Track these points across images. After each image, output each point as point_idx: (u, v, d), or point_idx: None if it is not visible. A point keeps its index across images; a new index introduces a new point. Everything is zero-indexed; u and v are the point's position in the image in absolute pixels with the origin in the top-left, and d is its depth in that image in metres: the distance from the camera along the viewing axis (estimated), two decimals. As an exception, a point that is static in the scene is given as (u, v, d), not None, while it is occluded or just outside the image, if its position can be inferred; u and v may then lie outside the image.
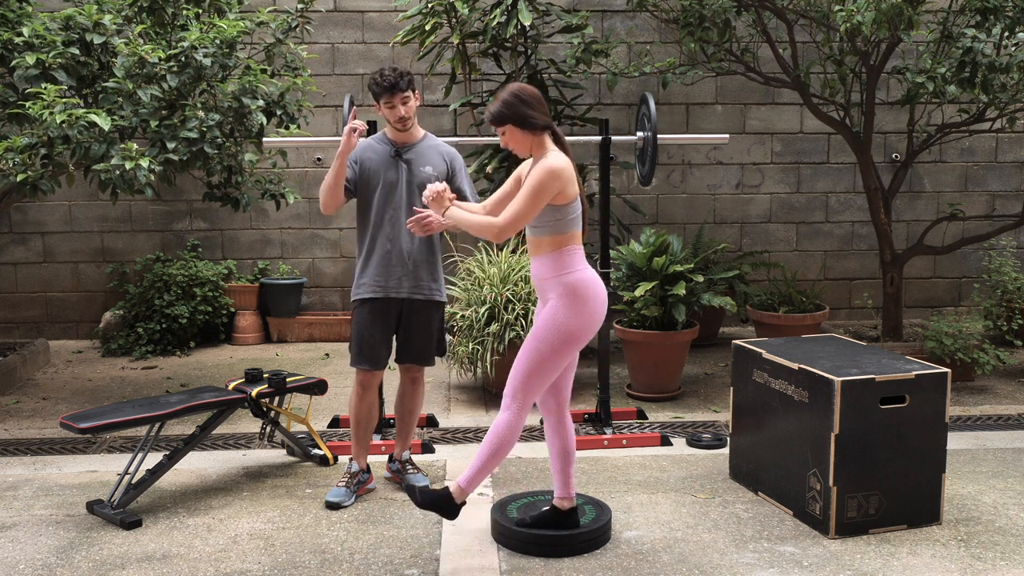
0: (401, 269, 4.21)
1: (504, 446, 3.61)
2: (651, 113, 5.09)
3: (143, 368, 6.65)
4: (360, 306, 4.29)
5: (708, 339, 7.10)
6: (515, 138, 3.60)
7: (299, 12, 5.95)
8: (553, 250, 3.58)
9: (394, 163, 4.25)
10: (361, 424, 4.37)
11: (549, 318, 3.57)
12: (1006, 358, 6.04)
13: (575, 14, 6.64)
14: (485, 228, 3.56)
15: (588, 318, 3.57)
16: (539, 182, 3.47)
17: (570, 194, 3.54)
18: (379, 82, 4.15)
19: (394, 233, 4.22)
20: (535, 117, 3.55)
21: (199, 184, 6.43)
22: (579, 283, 3.56)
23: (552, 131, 3.62)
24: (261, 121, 5.40)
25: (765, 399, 4.24)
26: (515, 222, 3.51)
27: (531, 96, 3.57)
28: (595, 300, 3.59)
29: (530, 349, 3.58)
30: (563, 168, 3.50)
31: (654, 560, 3.70)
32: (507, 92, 3.58)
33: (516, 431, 3.60)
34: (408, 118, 4.22)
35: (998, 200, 7.81)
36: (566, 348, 3.57)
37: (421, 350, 4.36)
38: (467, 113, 7.16)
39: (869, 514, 3.91)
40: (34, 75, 4.97)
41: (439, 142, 4.42)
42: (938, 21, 6.06)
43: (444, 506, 3.69)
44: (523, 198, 3.50)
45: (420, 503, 3.69)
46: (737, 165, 7.67)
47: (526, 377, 3.58)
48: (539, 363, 3.57)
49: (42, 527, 4.06)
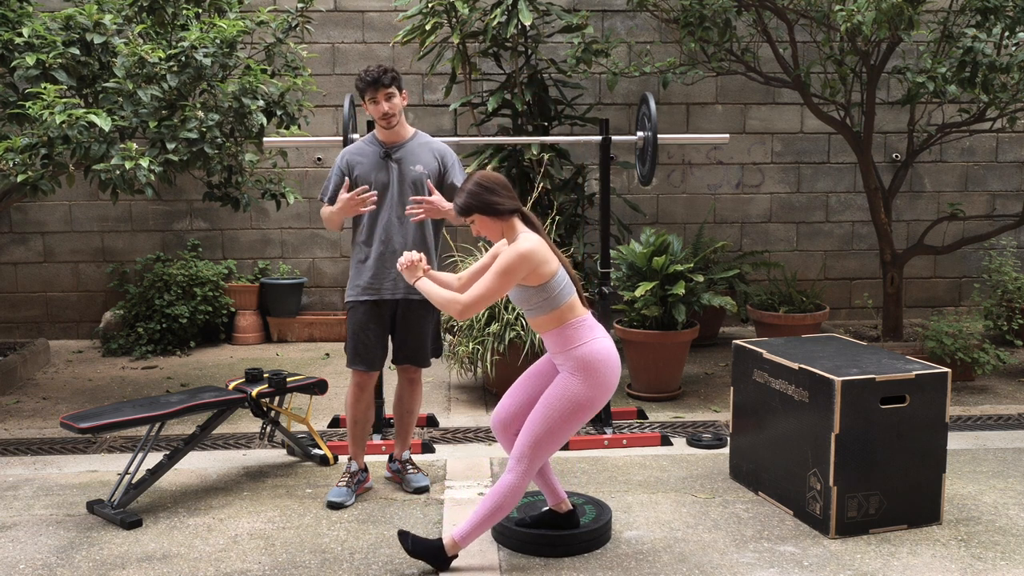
0: (395, 270, 4.19)
1: (504, 507, 3.58)
2: (651, 113, 5.09)
3: (143, 368, 6.65)
4: (355, 308, 4.29)
5: (708, 339, 7.09)
6: (485, 225, 3.59)
7: (299, 12, 5.95)
8: (556, 326, 3.56)
9: (384, 164, 4.24)
10: (358, 424, 4.37)
11: (562, 387, 3.54)
12: (1006, 358, 6.04)
13: (575, 14, 6.64)
14: (449, 304, 3.53)
15: (601, 388, 3.56)
16: (507, 264, 3.46)
17: (544, 274, 3.51)
18: (363, 78, 4.18)
19: (387, 235, 4.22)
20: (500, 203, 3.54)
21: (199, 184, 6.43)
22: (590, 355, 3.53)
23: (521, 213, 3.61)
24: (261, 121, 5.40)
25: (765, 399, 4.24)
26: (479, 302, 3.49)
27: (495, 183, 3.57)
28: (607, 371, 3.56)
29: (541, 415, 3.55)
30: (532, 251, 3.47)
31: (654, 560, 3.70)
32: (471, 182, 3.58)
33: (519, 494, 3.58)
34: (392, 115, 4.20)
35: (998, 200, 7.81)
36: (577, 416, 3.56)
37: (417, 351, 4.35)
38: (467, 113, 7.16)
39: (869, 514, 3.91)
40: (34, 75, 4.98)
41: (430, 139, 4.40)
42: (938, 21, 6.06)
43: (435, 557, 3.65)
44: (489, 279, 3.49)
45: (411, 551, 3.65)
46: (737, 165, 7.67)
47: (536, 443, 3.56)
48: (550, 431, 3.55)
49: (42, 527, 4.06)
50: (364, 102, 4.23)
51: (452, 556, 3.65)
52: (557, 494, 3.83)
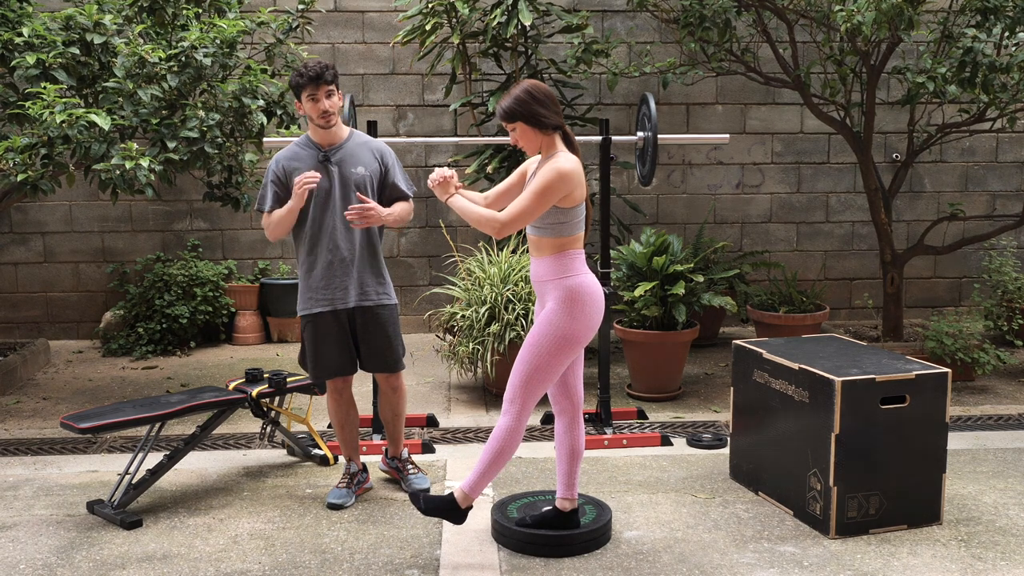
0: (345, 278, 4.10)
1: (505, 451, 3.59)
2: (651, 113, 5.09)
3: (143, 368, 6.65)
4: (311, 321, 4.16)
5: (708, 339, 7.09)
6: (525, 136, 3.55)
7: (299, 12, 5.95)
8: (554, 252, 3.55)
9: (323, 168, 4.09)
10: (344, 427, 4.34)
11: (547, 322, 3.55)
12: (1006, 358, 6.04)
13: (575, 14, 6.64)
14: (486, 221, 3.51)
15: (586, 322, 3.55)
16: (547, 182, 3.43)
17: (576, 197, 3.50)
18: (303, 74, 4.00)
19: (333, 242, 4.09)
20: (547, 116, 3.51)
21: (199, 184, 6.43)
22: (578, 287, 3.54)
23: (564, 131, 3.57)
24: (261, 121, 5.40)
25: (765, 399, 4.24)
26: (518, 219, 3.46)
27: (544, 94, 3.53)
28: (593, 305, 3.57)
29: (528, 353, 3.56)
30: (572, 171, 3.46)
31: (654, 560, 3.70)
32: (520, 88, 3.53)
33: (517, 435, 3.59)
34: (332, 113, 4.06)
35: (998, 200, 7.81)
36: (564, 351, 3.55)
37: (387, 357, 4.24)
38: (467, 113, 7.16)
39: (869, 514, 3.91)
40: (34, 75, 4.97)
41: (368, 138, 4.27)
42: (938, 21, 6.06)
43: (449, 511, 3.67)
44: (528, 197, 3.45)
45: (424, 510, 3.67)
46: (737, 165, 7.67)
47: (525, 381, 3.56)
48: (537, 367, 3.55)
49: (42, 527, 4.06)
50: (299, 101, 4.05)
51: (467, 508, 3.67)
52: (571, 489, 3.81)
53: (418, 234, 7.54)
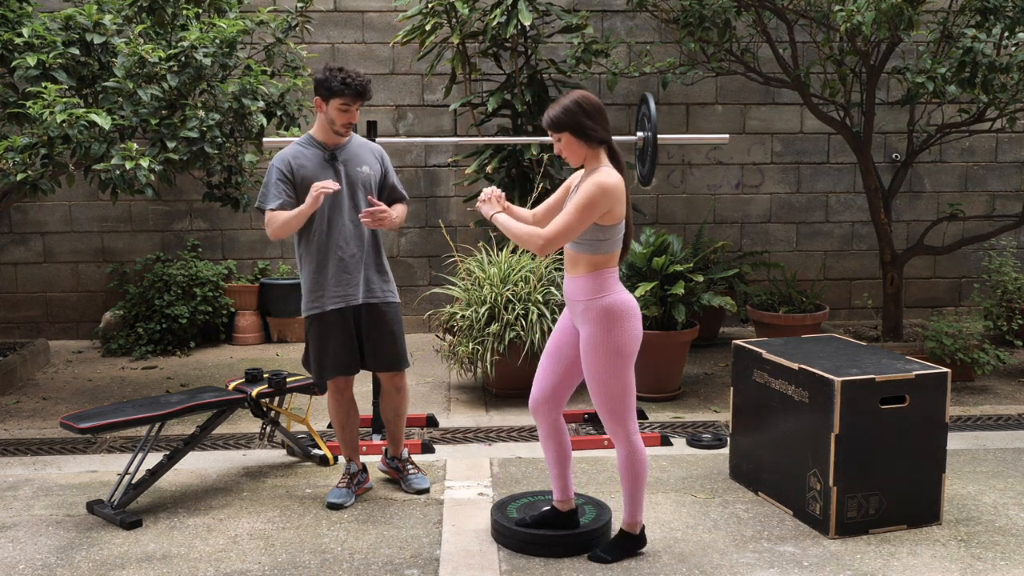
0: (356, 275, 4.12)
1: (640, 473, 3.62)
2: (651, 113, 5.09)
3: (143, 368, 6.65)
4: (319, 320, 4.15)
5: (708, 339, 7.09)
6: (570, 147, 3.50)
7: (299, 12, 5.95)
8: (590, 271, 3.50)
9: (330, 167, 4.10)
10: (345, 427, 4.34)
11: (591, 348, 3.51)
12: (1006, 358, 6.04)
13: (575, 14, 6.64)
14: (529, 238, 3.46)
15: (630, 333, 3.51)
16: (589, 197, 3.38)
17: (617, 215, 3.45)
18: (348, 83, 3.96)
19: (344, 240, 4.11)
20: (594, 129, 3.46)
21: (199, 184, 6.43)
22: (613, 305, 3.49)
23: (609, 146, 3.52)
24: (261, 122, 5.40)
25: (765, 399, 4.24)
26: (561, 235, 3.42)
27: (594, 107, 3.48)
28: (632, 319, 3.52)
29: (596, 386, 3.54)
30: (615, 186, 3.41)
31: (654, 560, 3.70)
32: (570, 99, 3.48)
33: (638, 454, 3.61)
34: (355, 124, 4.12)
35: (998, 200, 7.81)
36: (624, 365, 3.52)
37: (392, 355, 4.26)
38: (467, 113, 7.16)
39: (869, 514, 3.91)
40: (34, 75, 4.97)
41: (365, 140, 4.32)
42: (938, 21, 6.06)
43: (629, 545, 3.72)
44: (571, 212, 3.41)
45: (612, 560, 3.67)
46: (737, 165, 7.67)
47: (611, 412, 3.56)
48: (611, 395, 3.53)
49: (42, 527, 4.06)
50: (325, 104, 4.02)
51: (640, 533, 3.72)
52: (567, 491, 3.82)
53: (418, 234, 7.54)
